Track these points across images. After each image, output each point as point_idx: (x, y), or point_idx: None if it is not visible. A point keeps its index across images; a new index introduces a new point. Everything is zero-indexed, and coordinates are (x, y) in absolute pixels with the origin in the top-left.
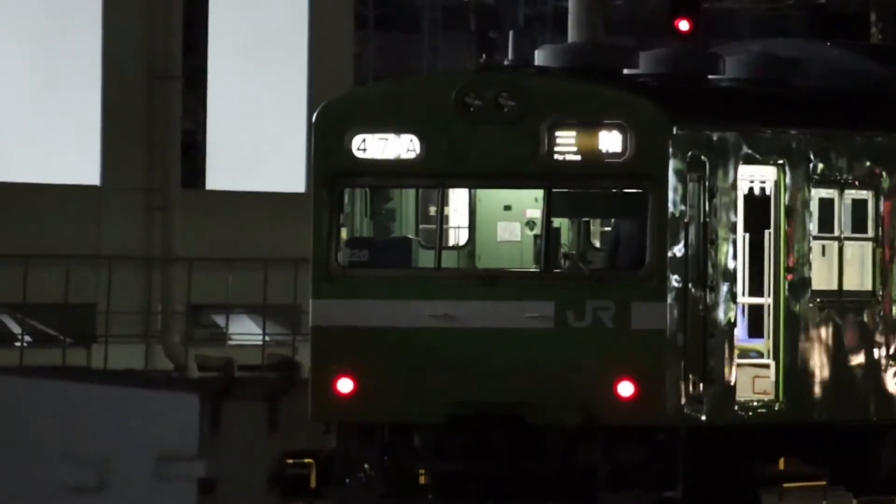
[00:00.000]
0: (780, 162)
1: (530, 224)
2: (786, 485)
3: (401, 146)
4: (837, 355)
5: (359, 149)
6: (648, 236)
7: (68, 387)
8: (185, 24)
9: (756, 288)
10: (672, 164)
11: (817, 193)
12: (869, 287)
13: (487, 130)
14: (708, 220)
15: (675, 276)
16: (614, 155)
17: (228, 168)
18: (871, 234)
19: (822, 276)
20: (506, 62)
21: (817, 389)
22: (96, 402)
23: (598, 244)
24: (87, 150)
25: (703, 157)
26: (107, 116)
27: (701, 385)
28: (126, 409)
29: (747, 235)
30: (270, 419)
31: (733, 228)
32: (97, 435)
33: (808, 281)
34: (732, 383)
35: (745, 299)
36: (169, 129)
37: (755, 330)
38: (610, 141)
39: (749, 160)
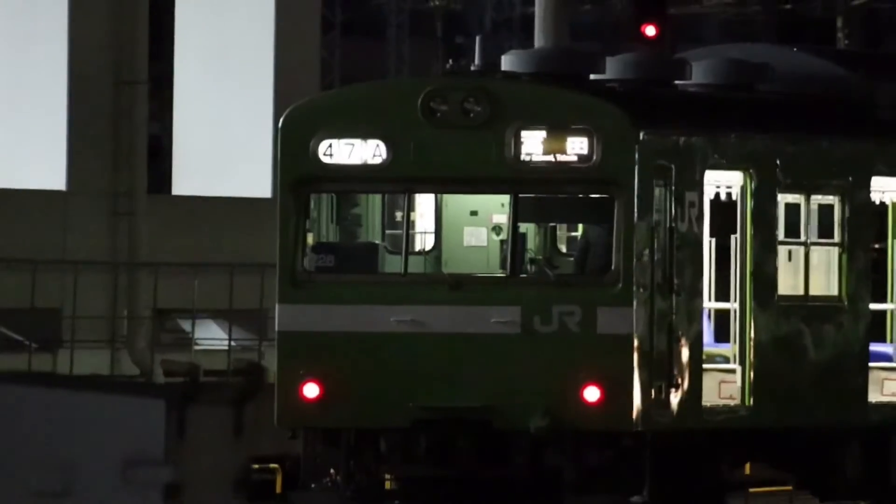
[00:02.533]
0: (747, 167)
1: (496, 229)
2: (752, 489)
3: (367, 151)
4: (803, 360)
5: (325, 154)
6: (615, 241)
7: (34, 392)
8: (150, 29)
9: (722, 293)
10: (638, 170)
11: (784, 198)
12: (835, 292)
13: (454, 135)
14: (674, 225)
15: (642, 281)
16: (581, 160)
17: (195, 173)
18: (837, 239)
19: (788, 282)
20: (472, 67)
21: (783, 394)
22: (62, 408)
23: (564, 249)
24: (54, 155)
25: (669, 163)
26: (73, 121)
27: (667, 390)
28: (92, 415)
29: (714, 240)
30: (236, 424)
31: (699, 233)
32: (63, 440)
33: (774, 286)
34: (698, 388)
35: (711, 304)
36: (135, 134)
37: (721, 335)
38: (576, 146)
39: (715, 165)
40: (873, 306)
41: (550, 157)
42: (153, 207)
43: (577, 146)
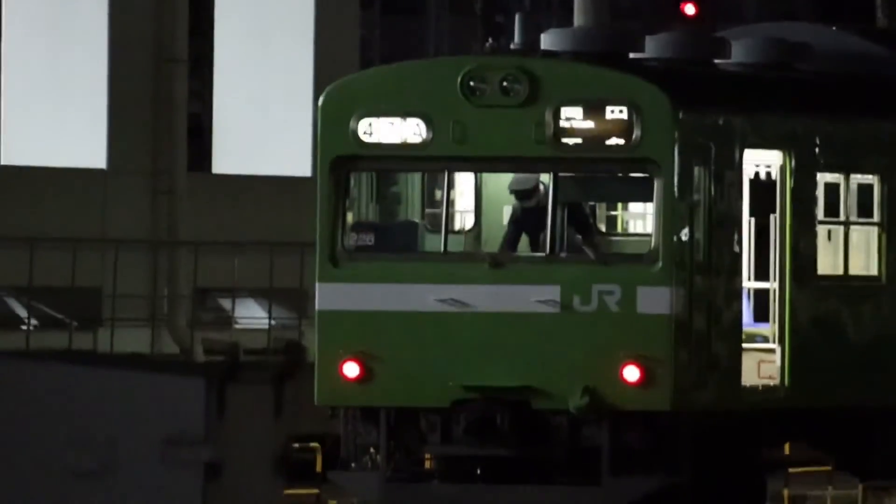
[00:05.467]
0: (786, 146)
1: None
2: (791, 469)
3: (407, 130)
4: (843, 340)
5: (365, 132)
6: (654, 221)
7: (74, 370)
8: (191, 7)
9: (761, 272)
10: (678, 149)
11: (823, 178)
12: (875, 272)
13: (493, 114)
14: (713, 204)
15: (681, 261)
16: (620, 139)
17: (234, 151)
18: (876, 218)
19: (827, 261)
20: (512, 46)
21: (823, 374)
22: (102, 386)
23: (603, 228)
24: (94, 134)
25: (708, 142)
26: (113, 100)
27: (706, 370)
28: (132, 393)
29: (753, 220)
30: (276, 403)
31: (739, 213)
32: (103, 419)
33: (813, 265)
34: (738, 368)
35: (750, 284)
36: (175, 113)
37: (761, 315)
38: (615, 125)
39: (755, 145)
40: None
41: (590, 137)
42: (193, 186)
43: (616, 125)
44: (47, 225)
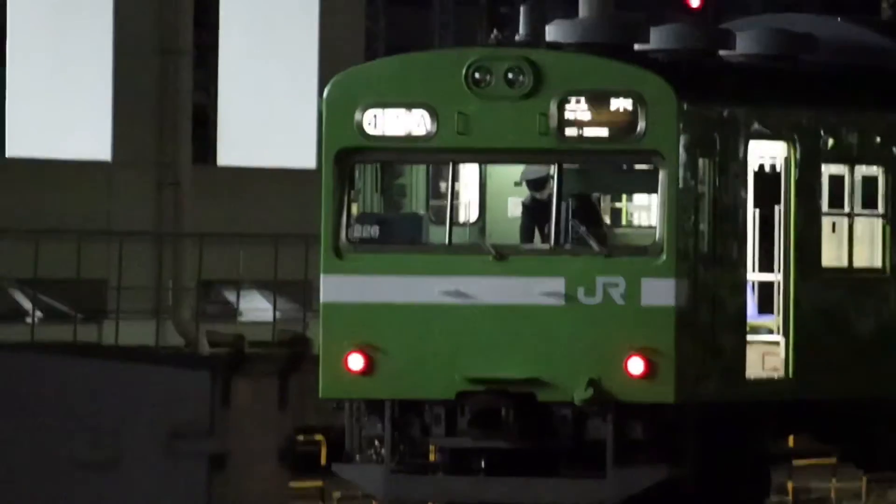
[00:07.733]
0: (791, 138)
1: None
2: (796, 462)
3: (411, 121)
4: (847, 332)
5: (369, 124)
6: (658, 213)
7: (79, 363)
8: None
9: (766, 264)
10: (682, 141)
11: (827, 169)
12: (879, 264)
13: (498, 106)
14: (718, 196)
15: (686, 253)
16: (624, 131)
17: (239, 143)
18: (881, 210)
19: (831, 253)
20: (517, 37)
21: (827, 367)
22: (107, 379)
23: (608, 220)
24: (99, 126)
25: (713, 134)
26: (118, 92)
27: (711, 362)
28: (137, 386)
29: (757, 211)
30: (281, 395)
31: (743, 205)
32: (108, 411)
33: (817, 257)
34: (742, 360)
35: (754, 276)
36: (180, 105)
37: (765, 306)
38: (620, 117)
39: (759, 136)
40: None
41: (594, 128)
42: (198, 178)
43: (621, 117)
44: (52, 217)
